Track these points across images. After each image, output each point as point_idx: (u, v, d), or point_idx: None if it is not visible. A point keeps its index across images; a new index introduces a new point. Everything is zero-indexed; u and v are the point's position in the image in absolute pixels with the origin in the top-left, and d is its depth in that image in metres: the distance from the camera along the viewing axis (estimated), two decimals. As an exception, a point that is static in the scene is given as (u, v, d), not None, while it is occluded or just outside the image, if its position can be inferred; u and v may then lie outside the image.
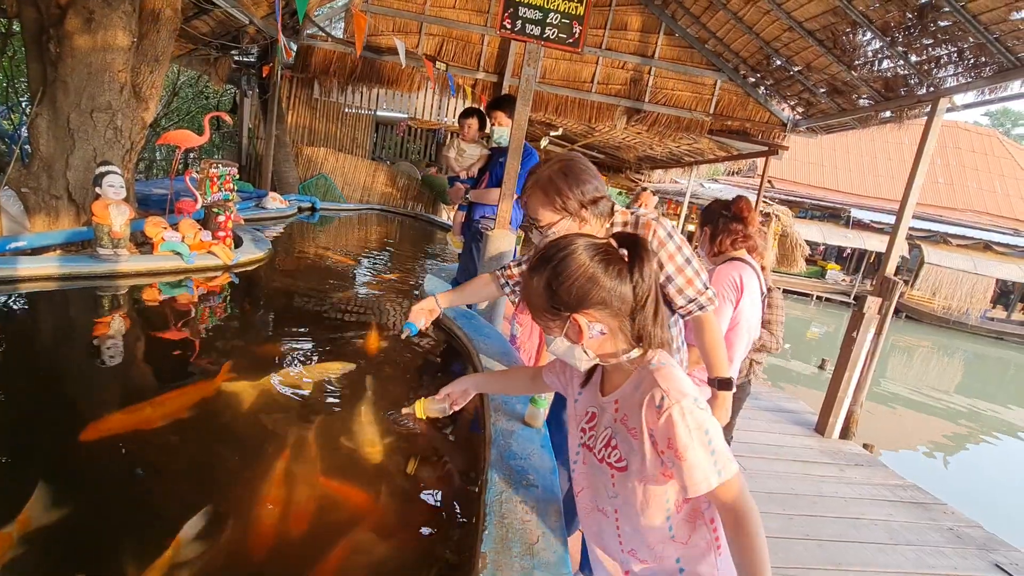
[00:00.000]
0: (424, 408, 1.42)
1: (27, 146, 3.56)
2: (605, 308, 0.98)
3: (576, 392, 1.18)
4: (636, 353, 1.02)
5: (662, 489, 0.99)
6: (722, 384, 1.68)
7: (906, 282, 15.60)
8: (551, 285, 0.98)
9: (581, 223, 1.47)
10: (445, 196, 9.48)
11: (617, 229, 1.54)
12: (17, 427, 1.69)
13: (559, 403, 2.03)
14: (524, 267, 1.68)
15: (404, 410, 1.43)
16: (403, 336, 1.73)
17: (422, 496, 1.61)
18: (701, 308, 1.55)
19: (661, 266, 1.50)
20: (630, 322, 1.00)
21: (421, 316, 1.78)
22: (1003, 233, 18.05)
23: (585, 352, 1.01)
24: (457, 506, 1.59)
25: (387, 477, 1.66)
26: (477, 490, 1.55)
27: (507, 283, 1.85)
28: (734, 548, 0.91)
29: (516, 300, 1.90)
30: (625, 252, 1.00)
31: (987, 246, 17.36)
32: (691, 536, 1.01)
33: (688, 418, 0.90)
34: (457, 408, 1.45)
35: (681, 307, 1.55)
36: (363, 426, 1.91)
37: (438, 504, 1.60)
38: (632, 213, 1.56)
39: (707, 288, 1.55)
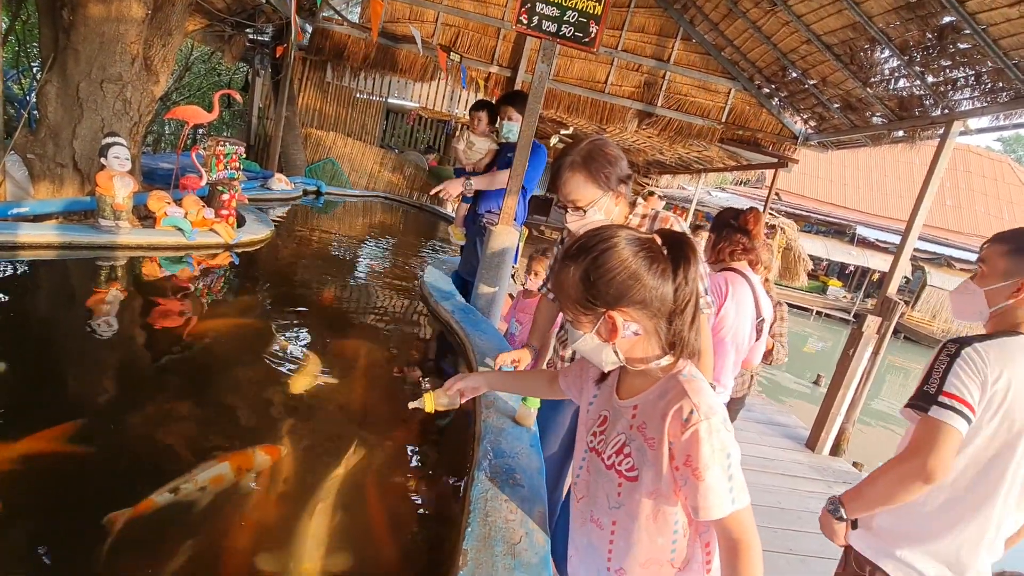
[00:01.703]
0: (434, 402, 1.37)
1: (35, 112, 3.54)
2: (644, 308, 0.92)
3: (591, 396, 1.13)
4: (667, 360, 0.96)
5: (673, 510, 0.95)
6: None
7: (907, 303, 15.58)
8: (589, 276, 0.92)
9: (618, 199, 1.54)
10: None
11: (636, 221, 1.60)
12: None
13: (550, 404, 2.02)
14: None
15: (412, 405, 1.37)
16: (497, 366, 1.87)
17: (406, 490, 1.61)
18: None
19: None
20: (666, 325, 0.95)
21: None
22: (1007, 260, 17.98)
23: (616, 352, 0.96)
24: (442, 502, 1.58)
25: (371, 470, 1.65)
26: (463, 486, 1.54)
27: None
28: None
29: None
30: (670, 251, 0.95)
31: (990, 272, 17.31)
32: (689, 561, 0.99)
33: (714, 438, 0.87)
34: (464, 401, 1.40)
35: None
36: (350, 422, 1.90)
37: (423, 499, 1.59)
38: (652, 208, 1.62)
39: (707, 292, 1.58)
